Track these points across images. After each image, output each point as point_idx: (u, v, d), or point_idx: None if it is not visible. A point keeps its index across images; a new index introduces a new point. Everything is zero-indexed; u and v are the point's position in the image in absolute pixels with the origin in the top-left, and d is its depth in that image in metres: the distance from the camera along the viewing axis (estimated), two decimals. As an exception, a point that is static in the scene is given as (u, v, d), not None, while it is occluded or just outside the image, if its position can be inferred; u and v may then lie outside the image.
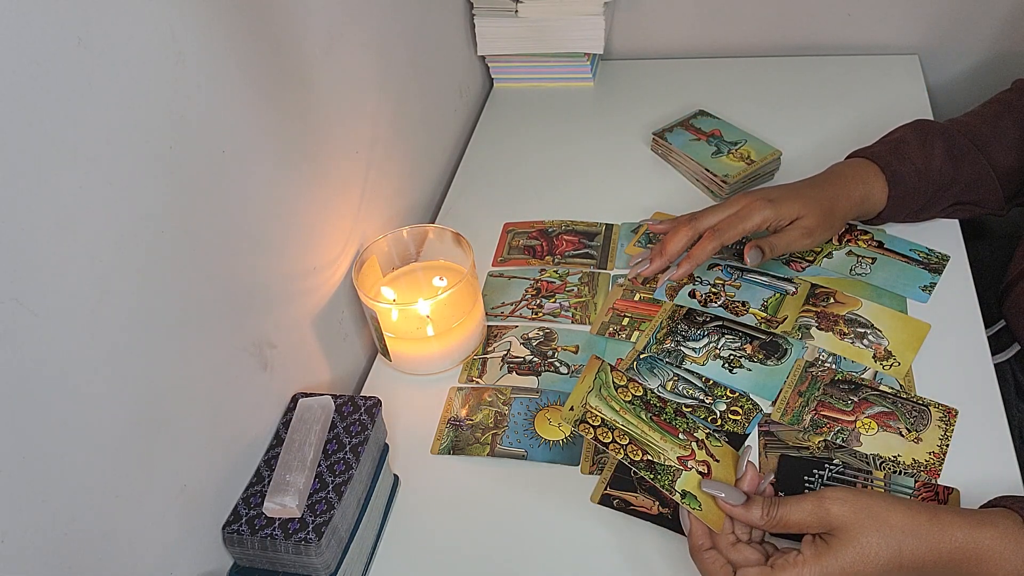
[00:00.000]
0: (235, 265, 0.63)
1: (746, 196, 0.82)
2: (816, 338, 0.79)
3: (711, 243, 0.80)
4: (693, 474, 0.64)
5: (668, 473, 0.63)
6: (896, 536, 0.56)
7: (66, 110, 0.45)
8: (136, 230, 0.52)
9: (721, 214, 0.81)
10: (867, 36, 1.17)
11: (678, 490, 0.62)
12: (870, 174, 0.83)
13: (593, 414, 0.65)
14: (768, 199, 0.81)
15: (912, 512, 0.57)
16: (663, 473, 0.63)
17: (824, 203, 0.81)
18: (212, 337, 0.61)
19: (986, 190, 0.85)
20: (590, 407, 0.66)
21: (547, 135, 1.13)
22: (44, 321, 0.45)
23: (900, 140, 0.85)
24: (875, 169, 0.83)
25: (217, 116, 0.59)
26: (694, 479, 0.63)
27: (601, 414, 0.65)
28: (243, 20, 0.62)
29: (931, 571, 0.57)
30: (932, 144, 0.84)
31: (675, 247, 0.82)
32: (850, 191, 0.83)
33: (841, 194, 0.83)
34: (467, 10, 1.15)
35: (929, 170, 0.83)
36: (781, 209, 0.80)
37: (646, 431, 0.66)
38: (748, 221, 0.80)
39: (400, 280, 0.87)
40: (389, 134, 0.91)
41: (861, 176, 0.83)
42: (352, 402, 0.69)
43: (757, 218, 0.80)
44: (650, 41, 1.24)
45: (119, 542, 0.52)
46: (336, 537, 0.62)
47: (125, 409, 0.52)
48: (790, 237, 0.81)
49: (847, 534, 0.56)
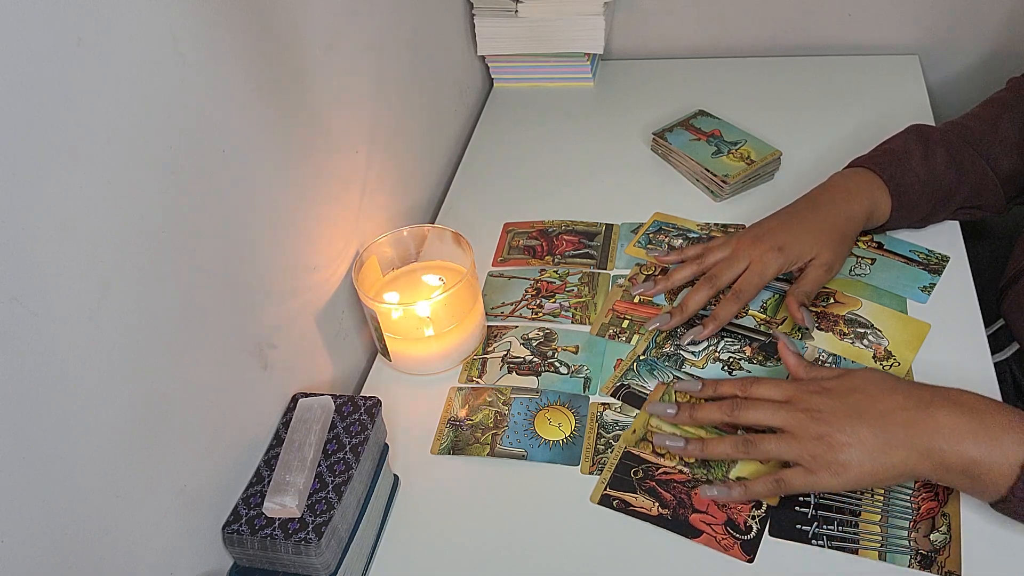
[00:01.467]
0: (235, 265, 0.63)
1: (752, 246, 0.80)
2: (816, 338, 0.79)
3: (733, 304, 0.79)
4: (748, 463, 0.70)
5: (722, 466, 0.70)
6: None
7: (66, 110, 0.45)
8: (136, 230, 0.52)
9: (724, 251, 0.82)
10: (867, 36, 1.17)
11: (732, 477, 0.69)
12: (874, 187, 0.82)
13: (652, 432, 0.74)
14: (776, 247, 0.79)
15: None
16: (717, 467, 0.70)
17: (834, 234, 0.80)
18: (212, 337, 0.61)
19: (989, 194, 0.85)
20: (651, 426, 0.74)
21: (547, 135, 1.13)
22: (44, 321, 0.45)
23: (903, 150, 0.84)
24: (879, 181, 0.82)
25: (217, 116, 0.59)
26: (748, 467, 0.70)
27: (661, 430, 0.74)
28: (243, 20, 0.62)
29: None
30: (934, 153, 0.83)
31: (680, 279, 0.84)
32: (854, 209, 0.81)
33: (847, 215, 0.81)
34: (467, 10, 1.15)
35: (933, 180, 0.83)
36: (791, 254, 0.79)
37: (703, 436, 0.72)
38: (764, 277, 0.80)
39: (400, 280, 0.87)
40: (389, 134, 0.91)
41: (865, 190, 0.82)
42: (352, 402, 0.69)
43: (772, 271, 0.79)
44: (650, 41, 1.24)
45: (119, 542, 0.52)
46: (336, 537, 0.62)
47: (125, 409, 0.52)
48: (814, 278, 0.80)
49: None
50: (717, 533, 0.67)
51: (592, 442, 0.74)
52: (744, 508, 0.68)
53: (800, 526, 0.66)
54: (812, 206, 0.82)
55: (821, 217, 0.81)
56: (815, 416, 0.64)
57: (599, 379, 0.80)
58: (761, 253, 0.80)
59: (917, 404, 0.63)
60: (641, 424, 0.75)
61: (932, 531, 0.65)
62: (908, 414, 0.62)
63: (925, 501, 0.67)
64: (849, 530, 0.66)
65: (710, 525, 0.67)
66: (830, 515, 0.67)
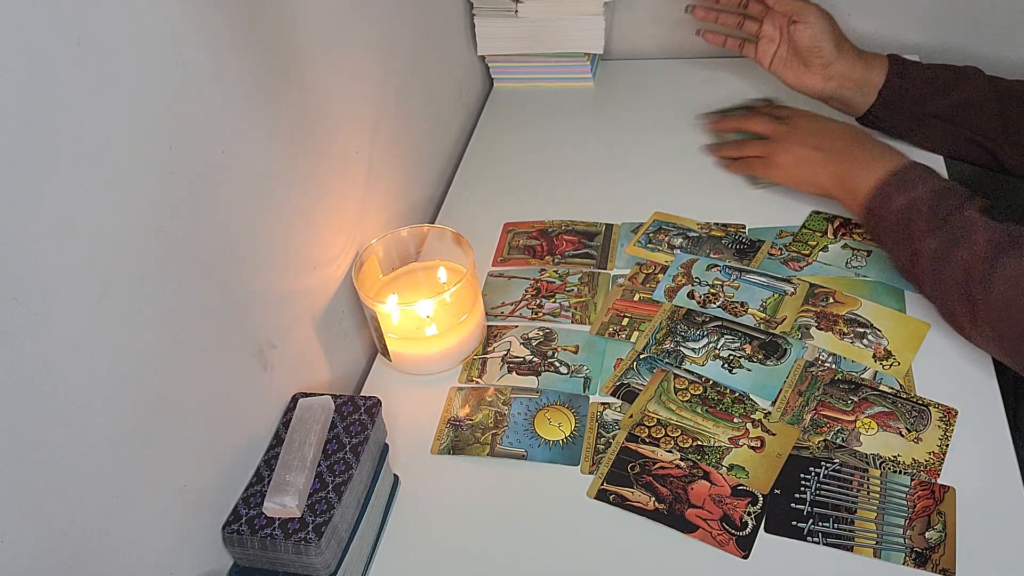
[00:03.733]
0: (235, 265, 0.63)
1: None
2: (816, 338, 0.80)
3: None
4: (743, 450, 0.72)
5: (716, 453, 0.72)
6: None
7: (66, 110, 0.46)
8: (136, 230, 0.52)
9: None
10: (867, 36, 1.17)
11: (725, 465, 0.70)
12: (877, 59, 0.94)
13: (650, 417, 0.75)
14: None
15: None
16: (711, 453, 0.72)
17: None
18: (212, 337, 0.61)
19: (980, 117, 0.90)
20: (648, 412, 0.76)
21: (547, 135, 1.13)
22: (44, 321, 0.45)
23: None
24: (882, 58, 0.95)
25: (217, 116, 0.59)
26: (742, 454, 0.72)
27: (657, 416, 0.75)
28: (243, 20, 0.62)
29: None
30: (935, 66, 0.94)
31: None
32: (855, 50, 0.95)
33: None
34: (467, 10, 1.15)
35: (927, 74, 0.92)
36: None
37: (700, 422, 0.74)
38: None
39: (400, 280, 0.87)
40: (389, 134, 0.91)
41: (868, 57, 0.95)
42: (352, 402, 0.69)
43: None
44: (650, 41, 1.24)
45: (119, 542, 0.52)
46: (336, 537, 0.62)
47: (125, 409, 0.52)
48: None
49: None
50: (713, 529, 0.67)
51: (592, 442, 0.74)
52: (740, 504, 0.68)
53: (795, 523, 0.66)
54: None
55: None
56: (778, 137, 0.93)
57: (599, 379, 0.80)
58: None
59: (837, 146, 0.86)
60: (639, 409, 0.75)
61: (927, 529, 0.65)
62: (829, 151, 0.87)
63: (921, 499, 0.67)
64: (844, 527, 0.66)
65: (706, 520, 0.67)
66: (826, 512, 0.67)
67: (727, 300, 0.84)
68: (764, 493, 0.69)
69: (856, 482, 0.68)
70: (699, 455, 0.72)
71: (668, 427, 0.74)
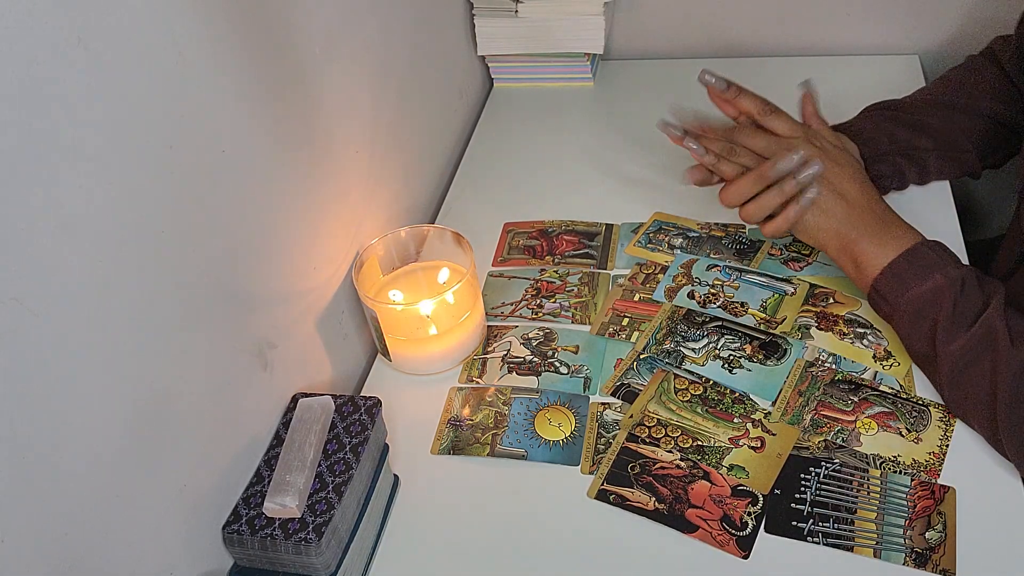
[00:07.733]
0: (235, 265, 0.63)
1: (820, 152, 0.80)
2: (816, 338, 0.80)
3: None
4: (743, 450, 0.72)
5: (716, 453, 0.72)
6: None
7: (66, 110, 0.46)
8: (136, 230, 0.52)
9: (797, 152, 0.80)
10: (867, 36, 1.17)
11: (725, 465, 0.70)
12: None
13: (650, 417, 0.75)
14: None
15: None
16: (711, 453, 0.72)
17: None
18: (212, 337, 0.61)
19: (961, 138, 0.88)
20: (648, 412, 0.76)
21: (547, 135, 1.13)
22: (44, 321, 0.45)
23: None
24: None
25: (217, 116, 0.59)
26: (742, 454, 0.72)
27: (657, 416, 0.75)
28: (243, 20, 0.62)
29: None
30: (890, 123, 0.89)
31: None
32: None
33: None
34: (467, 10, 1.15)
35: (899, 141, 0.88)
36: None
37: (700, 423, 0.74)
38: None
39: (400, 280, 0.87)
40: (389, 134, 0.91)
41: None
42: (352, 402, 0.69)
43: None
44: (650, 41, 1.24)
45: (119, 542, 0.52)
46: (336, 537, 0.62)
47: (125, 409, 0.52)
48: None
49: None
50: (713, 529, 0.67)
51: (592, 442, 0.74)
52: (740, 505, 0.68)
53: (796, 523, 0.66)
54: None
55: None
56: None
57: (599, 379, 0.80)
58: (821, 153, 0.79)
59: (860, 203, 0.76)
60: (639, 409, 0.76)
61: (927, 529, 0.65)
62: (852, 206, 0.76)
63: (921, 499, 0.67)
64: (844, 527, 0.66)
65: (706, 521, 0.67)
66: (826, 512, 0.67)
67: (727, 300, 0.84)
68: (764, 493, 0.69)
69: (856, 482, 0.68)
70: (699, 455, 0.72)
71: (668, 427, 0.74)
